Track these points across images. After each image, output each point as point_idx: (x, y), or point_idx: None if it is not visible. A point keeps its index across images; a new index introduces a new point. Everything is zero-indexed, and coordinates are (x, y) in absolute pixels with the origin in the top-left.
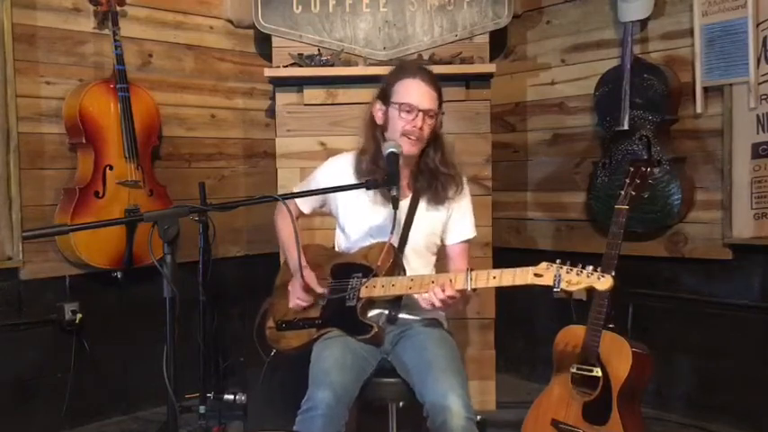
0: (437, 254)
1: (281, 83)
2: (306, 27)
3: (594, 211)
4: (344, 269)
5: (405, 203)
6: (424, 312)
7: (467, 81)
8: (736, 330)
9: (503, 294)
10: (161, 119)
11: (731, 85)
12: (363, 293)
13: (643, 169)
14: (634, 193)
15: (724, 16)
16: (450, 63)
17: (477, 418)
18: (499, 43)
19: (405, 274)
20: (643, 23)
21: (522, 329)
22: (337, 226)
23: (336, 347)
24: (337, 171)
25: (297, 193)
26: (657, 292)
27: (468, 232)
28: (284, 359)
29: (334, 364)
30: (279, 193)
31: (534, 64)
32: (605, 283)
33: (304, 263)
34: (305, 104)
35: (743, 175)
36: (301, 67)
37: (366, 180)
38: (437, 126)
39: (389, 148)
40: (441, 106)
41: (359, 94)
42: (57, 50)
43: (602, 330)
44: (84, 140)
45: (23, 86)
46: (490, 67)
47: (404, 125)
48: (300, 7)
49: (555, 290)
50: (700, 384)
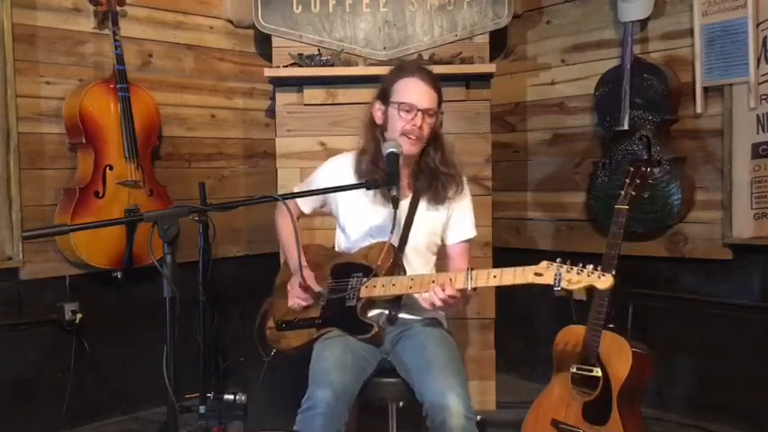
0: (437, 253)
1: (281, 83)
2: (306, 27)
3: (594, 211)
4: (344, 269)
5: (405, 203)
6: (424, 312)
7: (467, 81)
8: (736, 330)
9: (503, 294)
10: (161, 119)
11: (731, 85)
12: (363, 293)
13: (643, 169)
14: (634, 193)
15: (724, 16)
16: (451, 63)
17: (478, 417)
18: (499, 43)
19: (405, 273)
20: (643, 23)
21: (522, 329)
22: (337, 226)
23: (336, 347)
24: (337, 171)
25: (297, 193)
26: (657, 292)
27: (469, 232)
28: (284, 359)
29: (335, 363)
30: (279, 193)
31: (534, 64)
32: (606, 281)
33: (304, 262)
34: (305, 104)
35: (743, 175)
36: (301, 67)
37: (366, 180)
38: (437, 126)
39: (389, 148)
40: (440, 105)
41: (359, 94)
42: (57, 50)
43: (602, 330)
44: (84, 140)
45: (23, 86)
46: (490, 67)
47: (403, 125)
48: (300, 7)
49: (555, 289)
50: (700, 384)
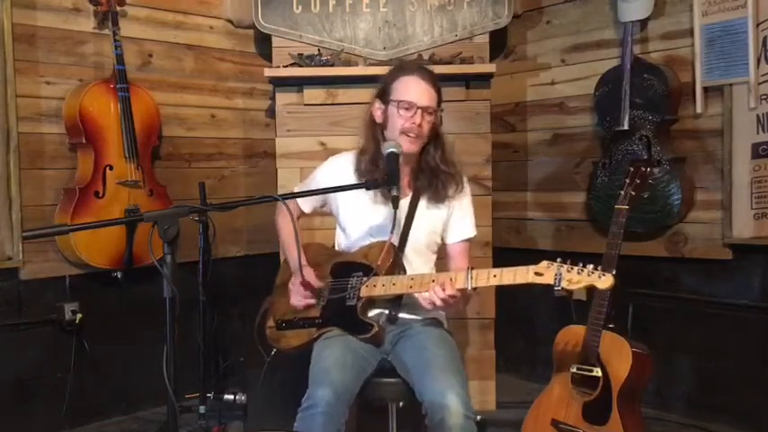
0: (438, 253)
1: (281, 83)
2: (306, 27)
3: (594, 211)
4: (345, 268)
5: (405, 202)
6: (424, 312)
7: (467, 81)
8: (736, 330)
9: (503, 294)
10: (161, 119)
11: (731, 85)
12: (364, 293)
13: (643, 169)
14: (634, 193)
15: (724, 16)
16: (450, 63)
17: (477, 417)
18: (499, 43)
19: (405, 273)
20: (643, 23)
21: (522, 329)
22: (338, 225)
23: (337, 347)
24: (337, 171)
25: (297, 193)
26: (657, 292)
27: (469, 231)
28: (284, 359)
29: (335, 363)
30: (279, 193)
31: (534, 64)
32: (606, 281)
33: (304, 261)
34: (305, 104)
35: (743, 175)
36: (301, 67)
37: (366, 180)
38: (437, 124)
39: (389, 148)
40: (440, 104)
41: (359, 94)
42: (57, 50)
43: (603, 330)
44: (84, 140)
45: (23, 86)
46: (490, 67)
47: (403, 123)
48: (300, 7)
49: (556, 288)
50: (700, 384)
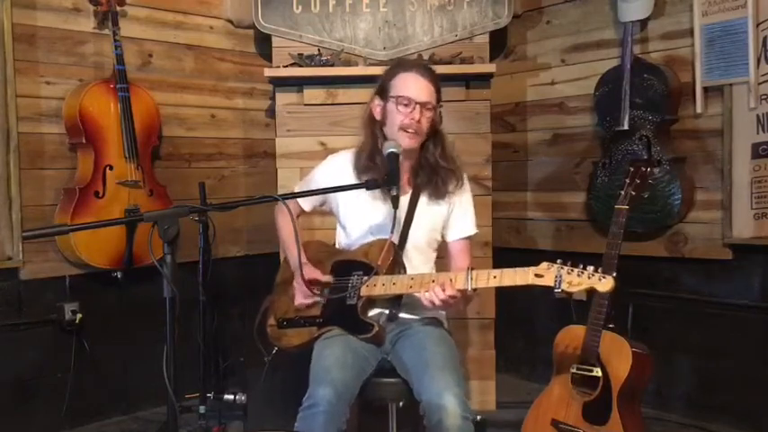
0: (439, 252)
1: (281, 83)
2: (306, 27)
3: (594, 211)
4: (345, 266)
5: (405, 200)
6: (423, 311)
7: (467, 81)
8: (736, 330)
9: (503, 294)
10: (161, 119)
11: (731, 85)
12: (364, 292)
13: (643, 169)
14: (634, 193)
15: (724, 16)
16: (451, 63)
17: (477, 417)
18: (499, 43)
19: (405, 271)
20: (643, 23)
21: (522, 329)
22: (338, 223)
23: (337, 346)
24: (336, 169)
25: (297, 192)
26: (657, 292)
27: (470, 229)
28: (284, 359)
29: (335, 362)
30: (279, 193)
31: (534, 64)
32: (606, 284)
33: (304, 260)
34: (305, 104)
35: (743, 175)
36: (301, 67)
37: (366, 179)
38: (436, 121)
39: (389, 148)
40: (439, 100)
41: (359, 94)
42: (57, 50)
43: (602, 330)
44: (84, 140)
45: (23, 86)
46: (490, 67)
47: (402, 119)
48: (300, 7)
49: (556, 290)
50: (700, 384)
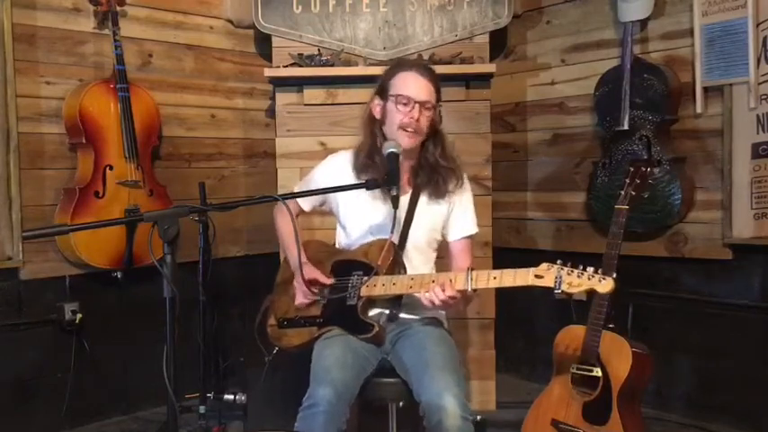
0: (440, 252)
1: (281, 83)
2: (306, 27)
3: (594, 211)
4: (345, 266)
5: (405, 199)
6: (423, 311)
7: (467, 81)
8: (736, 330)
9: (503, 294)
10: (161, 119)
11: (731, 85)
12: (364, 292)
13: (643, 169)
14: (634, 193)
15: (724, 16)
16: (451, 63)
17: (477, 418)
18: (499, 43)
19: (405, 271)
20: (643, 23)
21: (522, 329)
22: (338, 223)
23: (337, 346)
24: (336, 169)
25: (297, 192)
26: (657, 292)
27: (470, 228)
28: (284, 359)
29: (335, 362)
30: (279, 193)
31: (534, 64)
32: (606, 285)
33: (304, 259)
34: (305, 104)
35: (743, 175)
36: (301, 67)
37: (366, 179)
38: (436, 120)
39: (389, 148)
40: (439, 100)
41: (359, 94)
42: (57, 50)
43: (602, 330)
44: (84, 140)
45: (23, 86)
46: (490, 67)
47: (401, 118)
48: (300, 7)
49: (556, 291)
50: (700, 384)
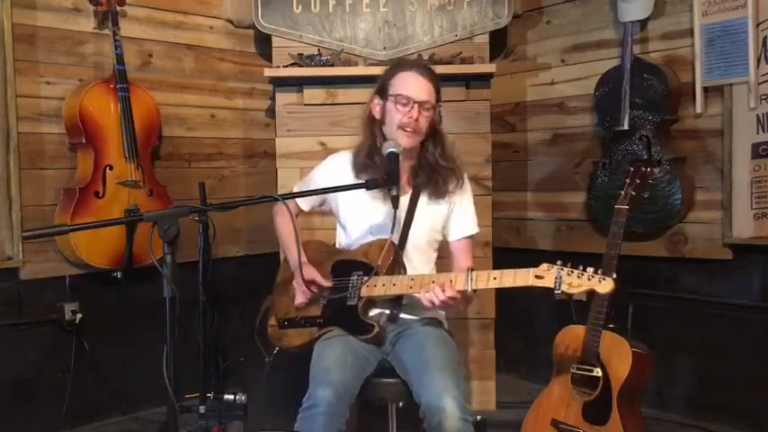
0: (441, 252)
1: (281, 83)
2: (306, 27)
3: (594, 211)
4: (345, 267)
5: (405, 200)
6: (423, 312)
7: (467, 81)
8: (736, 330)
9: (503, 294)
10: (161, 119)
11: (731, 85)
12: (364, 292)
13: (643, 169)
14: (634, 193)
15: (724, 16)
16: (451, 63)
17: (477, 418)
18: (499, 43)
19: (405, 271)
20: (643, 23)
21: (522, 329)
22: (338, 223)
23: (337, 346)
24: (335, 170)
25: (297, 193)
26: (657, 292)
27: (471, 227)
28: (284, 359)
29: (335, 362)
30: (279, 193)
31: (534, 64)
32: (606, 285)
33: (304, 259)
34: (305, 104)
35: (743, 175)
36: (301, 67)
37: (366, 179)
38: (435, 120)
39: (389, 148)
40: (438, 100)
41: (359, 94)
42: (57, 50)
43: (602, 330)
44: (84, 140)
45: (23, 86)
46: (490, 67)
47: (400, 117)
48: (300, 7)
49: (556, 292)
50: (700, 384)
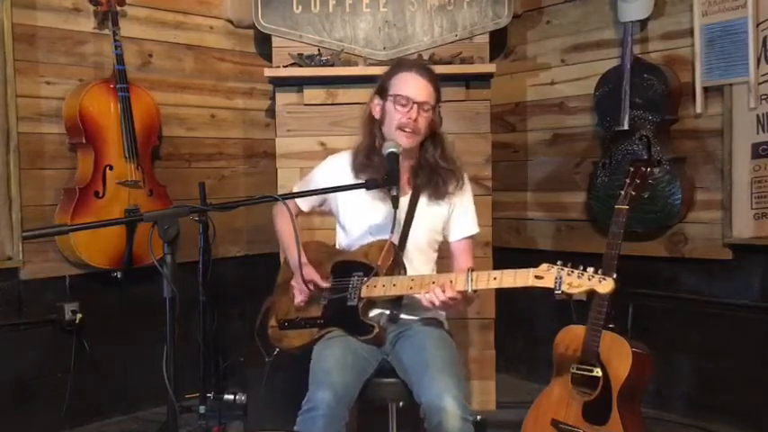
0: (442, 252)
1: (281, 83)
2: (306, 27)
3: (594, 211)
4: (345, 267)
5: (405, 200)
6: (424, 312)
7: (467, 81)
8: (736, 330)
9: (503, 294)
10: (161, 119)
11: (731, 85)
12: (364, 293)
13: (643, 169)
14: (634, 193)
15: (724, 16)
16: (451, 63)
17: (477, 418)
18: (499, 43)
19: (405, 272)
20: (643, 23)
21: (522, 329)
22: (338, 224)
23: (337, 347)
24: (335, 170)
25: (297, 193)
26: (657, 292)
27: (471, 228)
28: (284, 359)
29: (335, 364)
30: (279, 193)
31: (534, 64)
32: (606, 285)
33: (304, 260)
34: (305, 104)
35: (743, 175)
36: (301, 67)
37: (366, 179)
38: (435, 121)
39: (389, 148)
40: (438, 101)
41: (359, 94)
42: (57, 50)
43: (602, 330)
44: (84, 140)
45: (23, 86)
46: (490, 67)
47: (399, 117)
48: (300, 7)
49: (556, 292)
50: (700, 384)
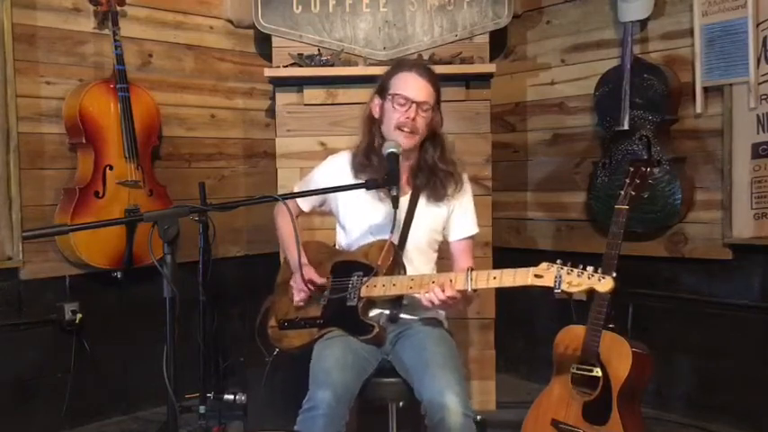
0: (442, 252)
1: (281, 83)
2: (306, 27)
3: (594, 211)
4: (345, 267)
5: (405, 200)
6: (423, 311)
7: (467, 81)
8: (736, 330)
9: (503, 294)
10: (161, 119)
11: (731, 85)
12: (364, 293)
13: (643, 169)
14: (634, 193)
15: (724, 16)
16: (451, 63)
17: (477, 417)
18: (499, 43)
19: (405, 272)
20: (643, 23)
21: (522, 329)
22: (338, 224)
23: (337, 347)
24: (335, 170)
25: (297, 193)
26: (657, 292)
27: (471, 228)
28: (284, 359)
29: (335, 363)
30: (279, 193)
31: (534, 64)
32: (606, 284)
33: (304, 260)
34: (305, 104)
35: (743, 175)
36: (301, 67)
37: (366, 179)
38: (435, 122)
39: (389, 148)
40: (438, 102)
41: (359, 94)
42: (57, 50)
43: (602, 330)
44: (84, 140)
45: (23, 86)
46: (490, 67)
47: (398, 117)
48: (300, 7)
49: (555, 291)
50: (700, 384)
